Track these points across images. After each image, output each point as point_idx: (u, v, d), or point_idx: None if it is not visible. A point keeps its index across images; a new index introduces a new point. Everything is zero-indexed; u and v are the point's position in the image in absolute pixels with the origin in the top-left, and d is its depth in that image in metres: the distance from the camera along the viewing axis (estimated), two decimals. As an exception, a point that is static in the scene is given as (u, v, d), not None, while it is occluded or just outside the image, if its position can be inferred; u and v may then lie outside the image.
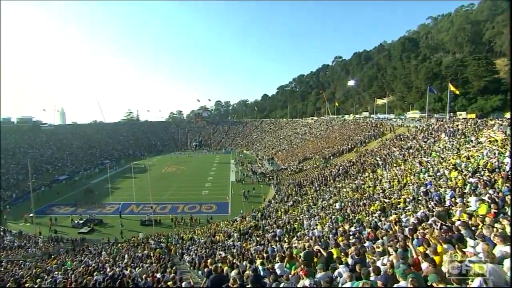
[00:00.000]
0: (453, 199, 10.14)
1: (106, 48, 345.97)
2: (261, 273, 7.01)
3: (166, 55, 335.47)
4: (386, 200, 15.93)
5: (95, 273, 10.37)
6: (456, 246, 4.99)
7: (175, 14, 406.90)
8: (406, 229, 8.56)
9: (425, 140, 26.29)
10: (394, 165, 24.04)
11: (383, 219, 12.56)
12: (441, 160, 18.43)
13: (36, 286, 8.76)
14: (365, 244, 8.34)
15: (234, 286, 5.23)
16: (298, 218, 20.26)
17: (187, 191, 39.29)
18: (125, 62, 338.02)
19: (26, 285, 9.39)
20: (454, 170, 14.72)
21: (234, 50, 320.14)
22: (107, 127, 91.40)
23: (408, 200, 14.03)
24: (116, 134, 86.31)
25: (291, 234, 15.80)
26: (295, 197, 29.24)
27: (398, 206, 13.81)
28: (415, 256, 4.90)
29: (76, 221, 28.94)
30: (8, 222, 30.63)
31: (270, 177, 43.98)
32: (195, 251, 15.67)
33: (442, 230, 6.44)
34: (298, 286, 5.33)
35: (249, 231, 19.75)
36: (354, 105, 79.62)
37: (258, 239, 16.39)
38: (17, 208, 34.82)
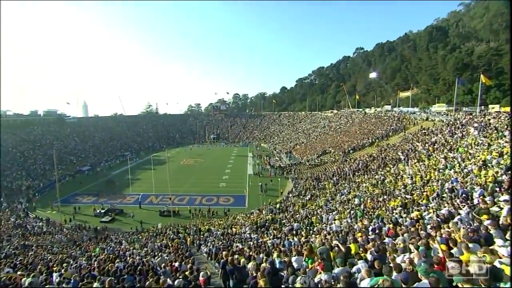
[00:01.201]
0: (481, 197, 9.60)
1: (127, 40, 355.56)
2: (278, 266, 7.03)
3: (184, 48, 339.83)
4: (408, 196, 15.43)
5: (116, 261, 10.84)
6: (484, 247, 4.73)
7: (194, 4, 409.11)
8: (429, 226, 8.26)
9: (452, 134, 25.01)
10: (416, 160, 23.12)
11: (404, 215, 12.19)
12: (469, 156, 17.48)
13: (62, 271, 9.30)
14: (385, 241, 8.13)
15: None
16: (315, 212, 20.09)
17: (205, 183, 39.90)
18: (144, 55, 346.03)
19: (54, 268, 9.99)
20: (483, 166, 13.92)
21: (252, 43, 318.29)
22: (127, 119, 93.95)
23: (431, 197, 13.48)
24: (136, 126, 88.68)
25: (308, 228, 15.70)
26: (313, 191, 28.97)
27: (421, 202, 13.32)
28: (441, 255, 4.69)
29: (98, 211, 30.08)
30: (37, 209, 32.56)
31: (288, 171, 43.80)
32: (212, 243, 15.95)
33: (469, 229, 6.13)
34: (315, 280, 5.29)
35: (266, 224, 19.84)
36: (375, 98, 76.95)
37: (275, 232, 16.43)
38: (44, 196, 36.74)
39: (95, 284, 7.05)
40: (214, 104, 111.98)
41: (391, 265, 4.77)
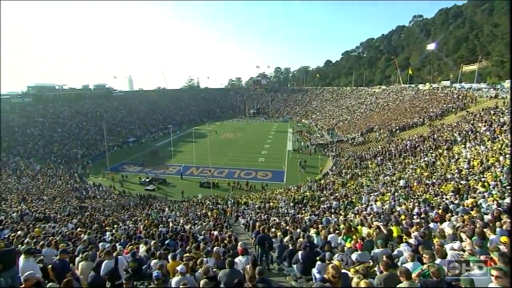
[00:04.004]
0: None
1: (171, 15, 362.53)
2: (315, 242, 7.10)
3: (225, 22, 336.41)
4: (463, 182, 14.09)
5: (160, 226, 11.89)
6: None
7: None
8: (486, 216, 7.52)
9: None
10: (476, 143, 20.66)
11: (456, 202, 11.23)
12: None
13: (114, 231, 10.50)
14: (430, 226, 7.67)
15: None
16: (356, 191, 19.53)
17: (244, 157, 40.75)
18: (187, 28, 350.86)
19: (107, 228, 11.35)
20: None
21: (296, 13, 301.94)
22: (170, 93, 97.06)
23: (492, 184, 12.12)
24: (178, 100, 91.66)
25: (348, 207, 15.41)
26: (355, 170, 28.01)
27: (477, 189, 12.09)
28: (501, 247, 4.27)
29: (143, 179, 32.50)
30: (90, 176, 36.01)
31: (329, 148, 42.67)
32: (250, 215, 16.53)
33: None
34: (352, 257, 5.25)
35: (304, 200, 19.91)
36: (432, 73, 68.96)
37: (313, 209, 16.45)
38: (96, 164, 40.39)
39: (141, 245, 7.85)
40: (255, 78, 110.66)
41: (435, 251, 4.50)
